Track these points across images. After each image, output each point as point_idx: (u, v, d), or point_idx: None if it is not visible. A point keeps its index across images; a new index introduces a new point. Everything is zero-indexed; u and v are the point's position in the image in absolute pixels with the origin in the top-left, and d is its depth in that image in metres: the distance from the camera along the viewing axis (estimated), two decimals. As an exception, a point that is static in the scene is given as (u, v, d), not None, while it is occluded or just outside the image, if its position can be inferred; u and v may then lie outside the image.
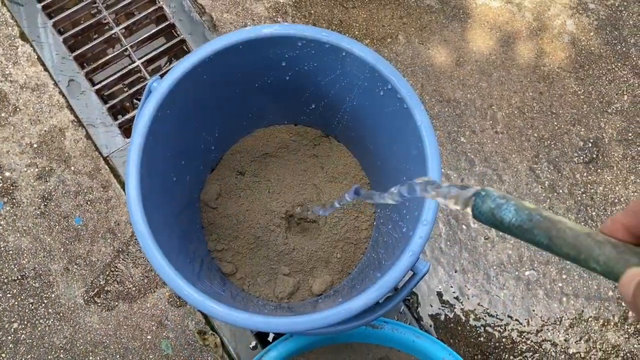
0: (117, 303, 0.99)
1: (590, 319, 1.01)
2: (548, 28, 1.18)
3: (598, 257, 0.34)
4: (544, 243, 0.36)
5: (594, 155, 1.10)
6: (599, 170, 1.09)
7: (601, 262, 0.33)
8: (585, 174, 1.09)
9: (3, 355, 0.95)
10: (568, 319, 1.01)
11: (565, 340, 1.00)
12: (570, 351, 1.00)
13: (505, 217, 0.38)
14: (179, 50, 1.14)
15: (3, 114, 1.05)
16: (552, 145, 1.10)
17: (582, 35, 1.18)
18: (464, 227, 1.05)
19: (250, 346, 0.98)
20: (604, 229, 0.35)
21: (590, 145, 1.10)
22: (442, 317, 1.01)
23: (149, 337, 0.98)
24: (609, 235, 0.35)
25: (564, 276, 1.03)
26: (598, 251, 0.34)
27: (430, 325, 1.00)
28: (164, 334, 0.98)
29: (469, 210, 0.42)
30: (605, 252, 0.33)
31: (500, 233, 1.00)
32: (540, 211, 0.37)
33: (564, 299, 1.02)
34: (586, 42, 1.17)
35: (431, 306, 1.01)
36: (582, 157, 1.10)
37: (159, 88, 0.68)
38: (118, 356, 0.97)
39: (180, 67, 0.69)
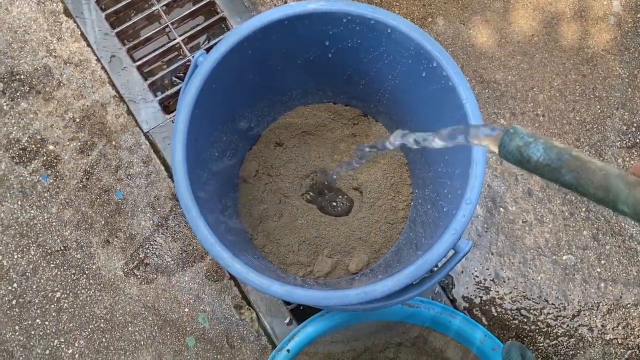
0: (155, 276, 1.01)
1: (629, 305, 1.00)
2: (593, 9, 1.15)
3: (627, 200, 0.33)
4: (571, 183, 0.36)
5: (638, 140, 1.08)
6: (642, 156, 1.07)
7: (630, 204, 0.33)
8: (627, 159, 1.07)
9: (47, 322, 0.98)
10: (606, 304, 1.00)
11: (602, 325, 0.99)
12: (607, 337, 0.99)
13: (533, 156, 0.37)
14: (218, 28, 1.15)
15: (47, 89, 1.07)
16: (594, 129, 1.08)
17: (628, 17, 1.15)
18: (501, 209, 1.04)
19: (286, 321, 0.99)
20: (636, 170, 0.34)
21: (634, 129, 1.08)
22: (477, 299, 1.01)
23: (186, 310, 1.00)
24: None
25: (602, 262, 1.02)
26: (627, 192, 0.33)
27: (465, 307, 1.00)
28: (201, 307, 1.00)
29: (495, 148, 0.41)
30: (635, 194, 0.32)
31: (539, 216, 0.99)
32: (569, 150, 0.36)
33: (602, 284, 1.01)
34: (632, 23, 1.14)
35: (466, 288, 1.01)
36: (625, 142, 1.07)
37: (205, 62, 0.68)
38: (156, 327, 0.99)
39: (227, 42, 0.69)
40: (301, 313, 1.01)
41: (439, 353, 0.92)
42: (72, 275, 1.01)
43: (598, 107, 1.09)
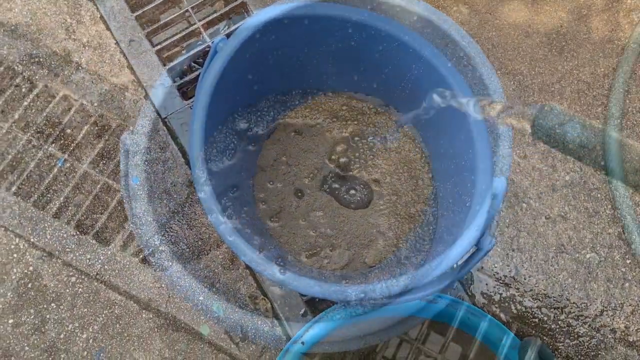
0: (170, 263, 1.00)
1: (653, 307, 0.97)
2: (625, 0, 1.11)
3: None
4: (607, 166, 0.33)
5: (668, 137, 1.04)
6: (671, 153, 1.03)
7: None
8: (656, 156, 1.03)
9: (62, 307, 0.98)
10: (630, 305, 0.98)
11: (625, 327, 0.97)
12: (631, 339, 0.96)
13: (568, 135, 0.35)
14: (239, 13, 1.13)
15: (66, 72, 1.07)
16: (623, 124, 1.05)
17: (661, 9, 1.11)
18: (524, 205, 1.01)
19: (300, 313, 0.98)
20: None
21: (664, 125, 1.05)
22: (497, 296, 0.98)
23: (200, 298, 0.99)
24: None
25: (627, 261, 0.99)
26: None
27: (484, 304, 0.98)
28: (216, 296, 0.99)
29: (527, 126, 0.39)
30: None
31: (563, 213, 0.96)
32: (608, 131, 0.34)
33: (627, 284, 0.98)
34: (666, 16, 1.11)
35: (486, 284, 0.99)
36: (654, 138, 1.04)
37: (225, 48, 0.67)
38: (170, 315, 0.98)
39: (248, 27, 0.68)
40: (317, 305, 0.99)
41: (438, 352, 0.90)
42: (88, 261, 1.00)
43: (627, 101, 1.06)
